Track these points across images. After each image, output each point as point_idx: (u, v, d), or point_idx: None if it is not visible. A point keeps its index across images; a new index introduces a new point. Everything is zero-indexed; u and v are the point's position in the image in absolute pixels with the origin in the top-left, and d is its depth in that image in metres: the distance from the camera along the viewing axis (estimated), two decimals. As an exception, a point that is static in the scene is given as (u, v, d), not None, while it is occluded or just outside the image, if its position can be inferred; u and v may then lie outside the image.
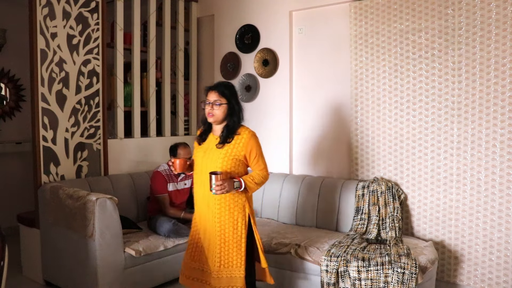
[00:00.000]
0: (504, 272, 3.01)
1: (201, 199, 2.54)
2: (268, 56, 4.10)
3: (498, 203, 3.02)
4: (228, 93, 2.48)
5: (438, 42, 3.20)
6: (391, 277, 2.66)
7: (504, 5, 2.94)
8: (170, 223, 3.33)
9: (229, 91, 2.49)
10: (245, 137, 2.48)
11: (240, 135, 2.48)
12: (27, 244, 3.53)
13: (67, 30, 3.46)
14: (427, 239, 3.29)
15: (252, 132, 2.53)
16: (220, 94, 2.46)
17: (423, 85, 3.29)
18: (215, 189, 2.30)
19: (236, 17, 4.31)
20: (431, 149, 3.27)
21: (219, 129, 2.52)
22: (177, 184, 3.62)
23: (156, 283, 3.28)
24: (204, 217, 2.54)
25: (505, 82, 2.96)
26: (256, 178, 2.50)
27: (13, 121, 4.81)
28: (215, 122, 2.50)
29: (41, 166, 3.34)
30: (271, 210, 3.87)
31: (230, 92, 2.49)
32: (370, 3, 3.49)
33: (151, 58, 4.16)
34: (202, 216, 2.56)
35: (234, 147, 2.46)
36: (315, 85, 3.89)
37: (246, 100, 4.26)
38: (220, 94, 2.46)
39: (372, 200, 3.37)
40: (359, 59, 3.58)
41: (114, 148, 3.84)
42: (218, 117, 2.46)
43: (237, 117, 2.51)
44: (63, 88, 3.47)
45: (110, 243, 2.92)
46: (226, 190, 2.33)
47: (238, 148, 2.46)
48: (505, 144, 2.98)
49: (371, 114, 3.54)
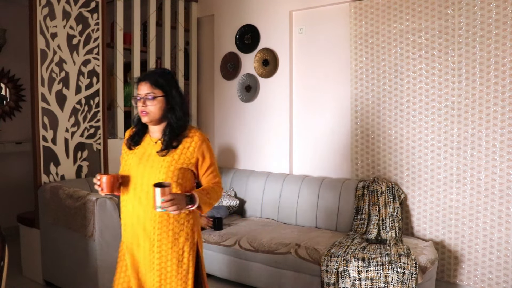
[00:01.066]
0: (504, 272, 3.00)
1: (135, 221, 1.91)
2: (268, 56, 4.10)
3: (498, 203, 3.02)
4: (163, 82, 1.90)
5: (438, 42, 3.20)
6: (391, 277, 2.66)
7: (504, 5, 2.93)
8: (170, 223, 3.32)
9: (165, 79, 1.92)
10: (196, 140, 1.92)
11: (190, 138, 1.92)
12: (27, 244, 3.53)
13: (67, 30, 3.46)
14: (427, 239, 3.29)
15: (204, 135, 1.98)
16: (152, 84, 1.88)
17: (423, 85, 3.29)
18: (164, 206, 1.70)
19: (236, 17, 4.31)
20: (431, 149, 3.27)
21: (158, 130, 1.95)
22: None
23: (156, 283, 3.27)
24: (136, 246, 1.93)
25: (505, 82, 2.96)
26: (212, 194, 1.92)
27: (13, 121, 4.81)
28: (152, 122, 1.93)
29: (41, 166, 3.34)
30: (271, 210, 3.86)
31: (166, 81, 1.91)
32: (370, 3, 3.49)
33: (151, 58, 4.16)
34: (134, 244, 1.94)
35: (182, 153, 1.90)
36: (315, 85, 3.89)
37: (246, 100, 4.26)
38: (152, 84, 1.88)
39: (372, 200, 3.37)
40: (359, 59, 3.58)
41: (114, 148, 3.83)
42: (154, 114, 1.89)
43: (181, 112, 1.93)
44: (63, 88, 3.47)
45: (110, 243, 2.92)
46: (177, 208, 1.75)
47: (187, 154, 1.90)
48: (505, 144, 2.98)
49: (371, 114, 3.54)
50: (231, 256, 3.33)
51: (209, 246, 3.45)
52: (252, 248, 3.20)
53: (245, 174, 4.14)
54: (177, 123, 1.91)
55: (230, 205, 3.88)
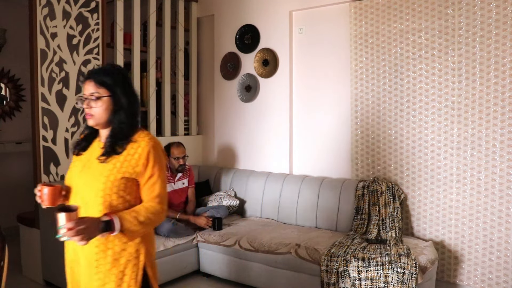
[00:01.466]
0: (504, 272, 3.00)
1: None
2: (268, 56, 4.10)
3: (498, 203, 3.02)
4: (109, 81, 1.68)
5: (438, 42, 3.20)
6: (391, 277, 2.66)
7: (504, 5, 2.93)
8: (169, 223, 3.33)
9: (112, 77, 1.69)
10: (142, 146, 1.67)
11: (136, 143, 1.67)
12: (27, 244, 3.53)
13: (67, 30, 3.46)
14: (427, 239, 3.29)
15: (154, 140, 1.71)
16: (97, 83, 1.67)
17: (423, 85, 3.29)
18: (66, 234, 1.45)
19: (236, 17, 4.31)
20: (431, 149, 3.27)
21: (105, 134, 1.73)
22: (174, 184, 3.62)
23: (156, 283, 3.27)
24: (77, 265, 1.74)
25: (505, 82, 2.96)
26: (142, 214, 1.62)
27: (13, 121, 4.81)
28: (98, 125, 1.71)
29: (41, 166, 3.34)
30: (271, 210, 3.86)
31: (113, 79, 1.69)
32: (370, 3, 3.49)
33: (151, 58, 4.16)
34: (74, 262, 1.76)
35: (126, 161, 1.66)
36: (315, 85, 3.89)
37: (246, 100, 4.26)
38: (97, 83, 1.67)
39: (372, 200, 3.37)
40: (359, 59, 3.58)
41: (114, 148, 3.83)
42: (99, 117, 1.68)
43: (128, 114, 1.69)
44: (63, 88, 3.47)
45: (110, 243, 2.92)
46: (83, 238, 1.47)
47: (132, 162, 1.66)
48: (505, 144, 2.98)
49: (371, 114, 3.54)
50: (231, 256, 3.33)
51: (209, 246, 3.45)
52: (252, 248, 3.20)
53: (245, 174, 4.14)
54: (119, 126, 1.67)
55: (230, 205, 3.88)
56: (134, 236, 1.62)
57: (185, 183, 3.70)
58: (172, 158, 3.56)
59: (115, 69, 1.75)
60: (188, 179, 3.73)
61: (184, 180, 3.69)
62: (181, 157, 3.58)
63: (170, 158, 3.58)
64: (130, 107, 1.70)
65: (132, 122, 1.71)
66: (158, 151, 1.70)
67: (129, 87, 1.73)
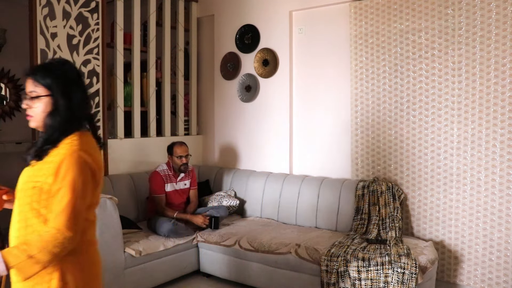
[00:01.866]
0: (504, 272, 3.00)
1: None
2: (268, 56, 4.10)
3: (498, 203, 3.02)
4: (49, 78, 1.48)
5: (438, 42, 3.20)
6: (391, 277, 2.66)
7: (504, 5, 2.93)
8: (169, 223, 3.33)
9: (51, 74, 1.49)
10: (61, 153, 1.43)
11: (58, 149, 1.46)
12: (27, 244, 3.53)
13: (67, 30, 3.46)
14: (427, 239, 3.29)
15: (76, 148, 1.44)
16: (36, 81, 1.48)
17: (423, 85, 3.29)
18: None
19: (236, 17, 4.31)
20: (431, 149, 3.27)
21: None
22: (175, 185, 3.62)
23: (156, 283, 3.27)
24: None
25: (505, 82, 2.96)
26: (35, 245, 1.35)
27: (13, 121, 4.80)
28: (39, 127, 1.54)
29: (41, 166, 3.33)
30: (271, 210, 3.86)
31: (52, 77, 1.48)
32: (370, 3, 3.49)
33: (151, 58, 4.16)
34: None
35: (42, 169, 1.44)
36: (315, 85, 3.89)
37: (246, 100, 4.26)
38: (36, 81, 1.48)
39: (372, 200, 3.37)
40: (359, 59, 3.58)
41: (114, 148, 3.83)
42: (37, 118, 1.50)
43: (63, 118, 1.48)
44: (63, 88, 3.46)
45: (110, 243, 2.92)
46: None
47: (47, 170, 1.43)
48: (505, 144, 2.98)
49: (371, 114, 3.54)
50: (231, 256, 3.33)
51: (209, 246, 3.45)
52: (252, 248, 3.20)
53: (245, 174, 4.14)
54: (50, 131, 1.47)
55: (230, 205, 3.88)
56: (28, 273, 1.35)
57: (187, 184, 3.70)
58: (175, 156, 3.57)
59: (57, 65, 1.53)
60: (191, 181, 3.73)
61: (186, 181, 3.69)
62: (184, 156, 3.58)
63: (173, 157, 3.58)
64: (68, 110, 1.47)
65: (66, 127, 1.47)
66: (76, 161, 1.41)
67: (71, 86, 1.50)
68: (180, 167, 3.57)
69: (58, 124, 1.47)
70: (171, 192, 3.57)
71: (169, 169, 3.61)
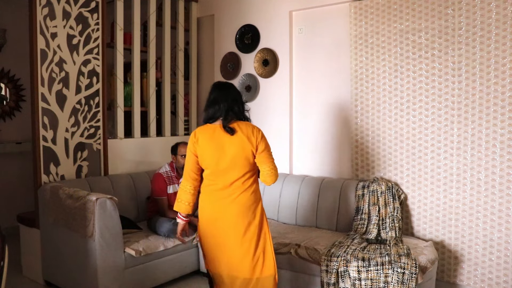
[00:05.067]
0: (504, 272, 3.01)
1: None
2: (268, 56, 4.10)
3: (498, 203, 3.02)
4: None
5: (438, 42, 3.20)
6: (391, 277, 2.66)
7: (504, 5, 2.94)
8: (170, 223, 3.33)
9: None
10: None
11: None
12: (27, 244, 3.53)
13: (67, 30, 3.46)
14: (427, 239, 3.29)
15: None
16: None
17: (423, 85, 3.29)
18: None
19: (236, 17, 4.31)
20: (431, 149, 3.27)
21: None
22: (177, 186, 3.61)
23: (156, 283, 3.28)
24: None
25: (505, 82, 2.96)
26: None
27: (13, 121, 4.81)
28: None
29: (41, 166, 3.34)
30: (271, 210, 3.86)
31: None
32: (370, 3, 3.49)
33: (151, 58, 4.16)
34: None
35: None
36: (315, 85, 3.89)
37: (246, 100, 4.25)
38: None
39: (372, 200, 3.37)
40: (359, 59, 3.58)
41: (114, 148, 3.84)
42: None
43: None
44: (63, 88, 3.47)
45: (110, 243, 2.92)
46: None
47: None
48: (505, 144, 2.98)
49: (371, 114, 3.54)
50: (231, 256, 3.33)
51: (209, 246, 3.44)
52: (252, 248, 3.20)
53: (245, 174, 4.13)
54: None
55: (230, 205, 3.88)
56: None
57: None
58: (179, 155, 3.56)
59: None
60: None
61: None
62: None
63: (177, 156, 3.57)
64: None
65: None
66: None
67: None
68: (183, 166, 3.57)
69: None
70: (173, 194, 3.57)
71: (171, 170, 3.60)
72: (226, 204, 2.35)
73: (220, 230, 2.37)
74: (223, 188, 2.35)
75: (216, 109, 2.37)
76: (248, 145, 2.34)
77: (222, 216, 2.35)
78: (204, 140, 2.35)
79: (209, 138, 2.35)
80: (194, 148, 2.38)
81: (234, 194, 2.34)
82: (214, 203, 2.37)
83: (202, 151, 2.35)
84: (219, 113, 2.37)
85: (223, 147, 2.34)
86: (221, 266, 2.40)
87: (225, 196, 2.35)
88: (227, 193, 2.35)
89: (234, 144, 2.33)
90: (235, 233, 2.34)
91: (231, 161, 2.33)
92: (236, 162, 2.33)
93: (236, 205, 2.34)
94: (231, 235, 2.35)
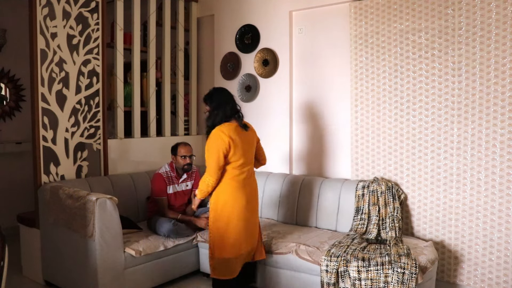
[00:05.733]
0: (504, 272, 3.01)
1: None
2: (268, 56, 4.10)
3: (498, 203, 3.02)
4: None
5: (438, 42, 3.20)
6: (391, 277, 2.66)
7: (504, 5, 2.94)
8: (170, 223, 3.33)
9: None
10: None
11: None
12: (27, 244, 3.53)
13: (67, 30, 3.46)
14: (427, 239, 3.29)
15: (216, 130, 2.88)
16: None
17: (423, 85, 3.29)
18: None
19: (236, 17, 4.31)
20: (431, 149, 3.27)
21: None
22: (177, 186, 3.61)
23: (156, 283, 3.28)
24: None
25: (505, 82, 2.96)
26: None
27: (13, 121, 4.81)
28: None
29: (41, 166, 3.34)
30: (271, 210, 3.86)
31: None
32: (370, 3, 3.49)
33: (151, 58, 4.16)
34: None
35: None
36: (315, 85, 3.89)
37: (246, 100, 4.26)
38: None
39: (372, 200, 3.37)
40: (359, 59, 3.58)
41: (114, 148, 3.84)
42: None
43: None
44: (63, 88, 3.47)
45: (110, 243, 2.92)
46: None
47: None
48: (505, 144, 2.99)
49: (371, 114, 3.54)
50: (231, 256, 3.33)
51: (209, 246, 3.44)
52: (252, 248, 3.20)
53: (245, 174, 4.13)
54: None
55: (230, 205, 3.87)
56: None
57: (189, 186, 3.70)
58: (179, 156, 3.56)
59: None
60: (194, 182, 3.72)
61: (188, 182, 3.69)
62: (188, 155, 3.57)
63: (176, 157, 3.57)
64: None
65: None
66: (212, 135, 2.87)
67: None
68: (184, 166, 3.57)
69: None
70: (172, 194, 3.57)
71: (171, 170, 3.60)
72: (252, 188, 2.96)
73: (251, 211, 2.93)
74: (248, 176, 2.92)
75: (227, 109, 2.88)
76: (255, 138, 3.05)
77: (251, 199, 2.93)
78: (236, 136, 2.82)
79: (237, 135, 2.83)
80: (228, 145, 2.78)
81: (252, 178, 2.97)
82: (244, 189, 2.88)
83: (236, 146, 2.81)
84: (231, 112, 2.90)
85: (247, 141, 2.91)
86: (246, 244, 2.90)
87: (250, 182, 2.94)
88: (251, 179, 2.96)
89: (249, 137, 2.95)
90: (256, 209, 3.01)
91: (251, 152, 2.96)
92: (252, 152, 2.99)
93: (254, 187, 3.01)
94: (255, 212, 2.99)
